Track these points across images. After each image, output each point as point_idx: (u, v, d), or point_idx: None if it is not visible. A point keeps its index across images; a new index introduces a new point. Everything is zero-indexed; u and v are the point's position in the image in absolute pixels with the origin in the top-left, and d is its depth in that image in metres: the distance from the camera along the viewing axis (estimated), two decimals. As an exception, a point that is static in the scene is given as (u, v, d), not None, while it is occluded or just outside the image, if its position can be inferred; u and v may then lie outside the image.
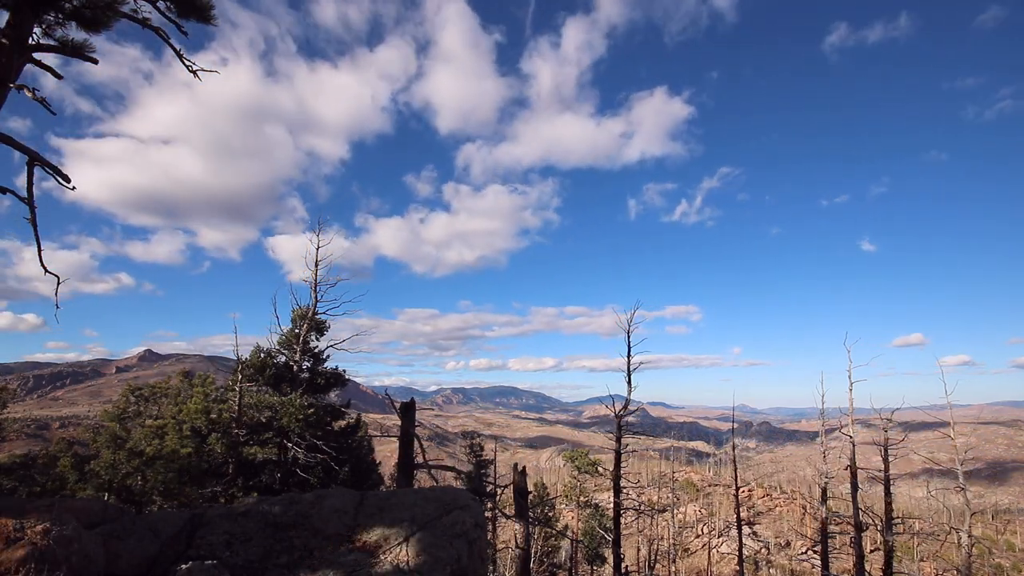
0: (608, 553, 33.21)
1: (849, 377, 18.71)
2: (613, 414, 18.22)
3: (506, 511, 25.83)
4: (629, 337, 18.49)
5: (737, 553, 27.54)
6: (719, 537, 55.54)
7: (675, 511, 51.70)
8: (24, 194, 6.55)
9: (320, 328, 16.62)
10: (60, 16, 6.44)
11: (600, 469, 36.38)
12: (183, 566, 6.14)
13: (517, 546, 15.64)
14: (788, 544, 57.83)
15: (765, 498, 73.78)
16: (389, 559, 6.76)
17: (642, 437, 20.20)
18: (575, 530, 39.50)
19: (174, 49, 7.22)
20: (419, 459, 12.96)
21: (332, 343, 16.73)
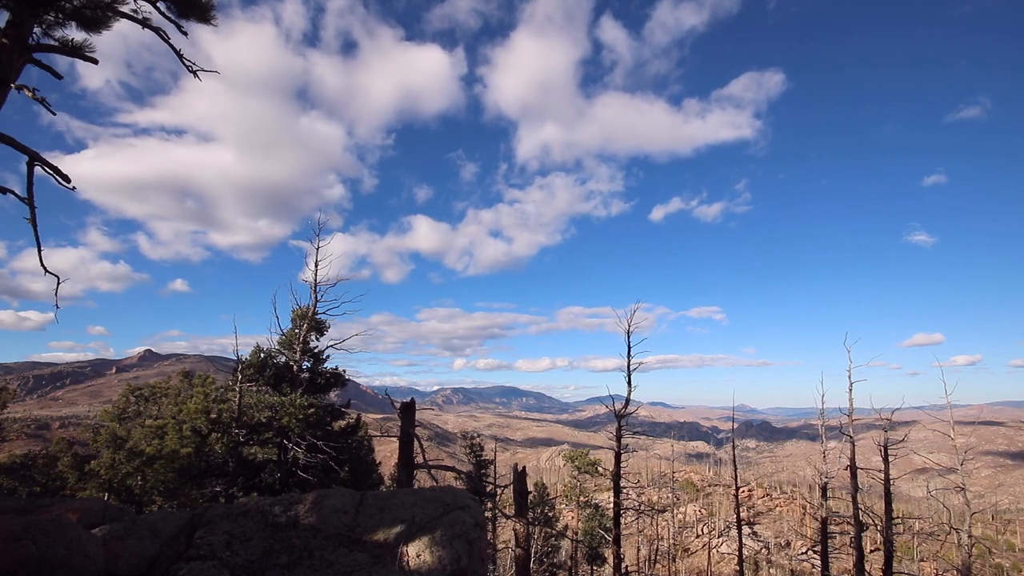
0: (608, 553, 33.20)
1: (849, 377, 18.72)
2: (613, 414, 18.24)
3: (506, 511, 25.82)
4: (629, 337, 18.52)
5: (737, 553, 27.55)
6: (719, 537, 55.57)
7: (675, 511, 51.73)
8: (25, 194, 6.55)
9: (320, 328, 16.62)
10: (60, 16, 6.44)
11: (600, 469, 36.41)
12: (183, 566, 6.14)
13: (517, 546, 15.65)
14: (788, 544, 57.86)
15: (765, 498, 73.82)
16: (389, 559, 6.76)
17: (642, 437, 20.21)
18: (575, 530, 39.51)
19: (174, 49, 7.22)
20: (419, 459, 12.96)
21: (332, 343, 16.73)
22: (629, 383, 18.46)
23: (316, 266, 16.20)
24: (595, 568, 35.09)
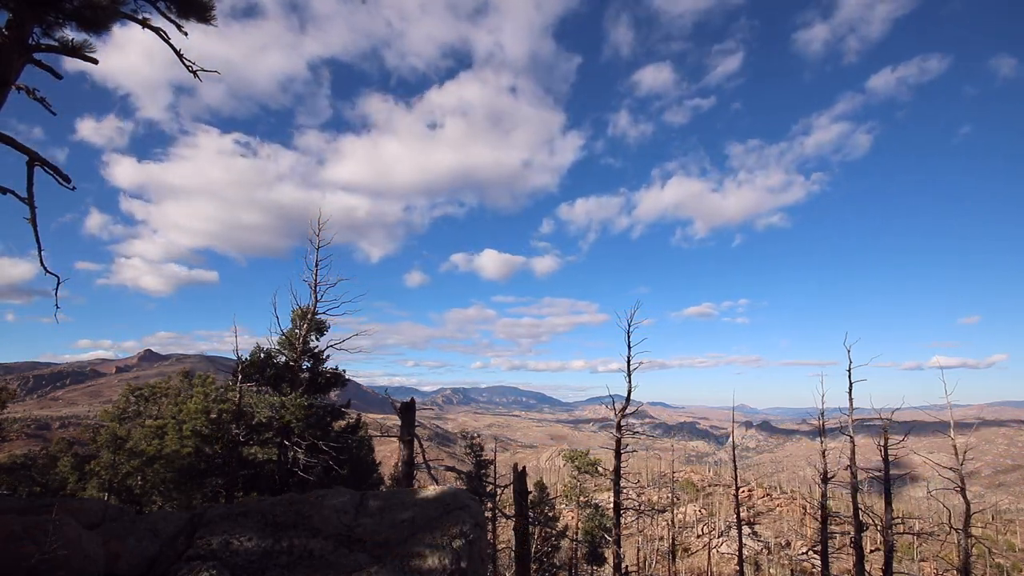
0: (608, 553, 33.18)
1: (849, 377, 18.69)
2: (613, 414, 18.23)
3: (506, 511, 25.82)
4: (629, 337, 18.49)
5: (737, 553, 27.55)
6: (719, 537, 55.58)
7: (675, 511, 51.68)
8: (25, 194, 6.55)
9: (320, 328, 16.61)
10: (60, 16, 6.44)
11: (600, 469, 36.36)
12: (183, 566, 6.14)
13: (517, 546, 15.63)
14: (788, 544, 57.87)
15: (765, 498, 73.84)
16: (389, 559, 6.76)
17: (642, 437, 20.21)
18: (575, 530, 39.48)
19: (174, 49, 7.22)
20: (419, 459, 12.96)
21: (332, 343, 16.72)
22: (629, 382, 18.45)
23: (316, 266, 16.19)
24: (595, 568, 35.08)
